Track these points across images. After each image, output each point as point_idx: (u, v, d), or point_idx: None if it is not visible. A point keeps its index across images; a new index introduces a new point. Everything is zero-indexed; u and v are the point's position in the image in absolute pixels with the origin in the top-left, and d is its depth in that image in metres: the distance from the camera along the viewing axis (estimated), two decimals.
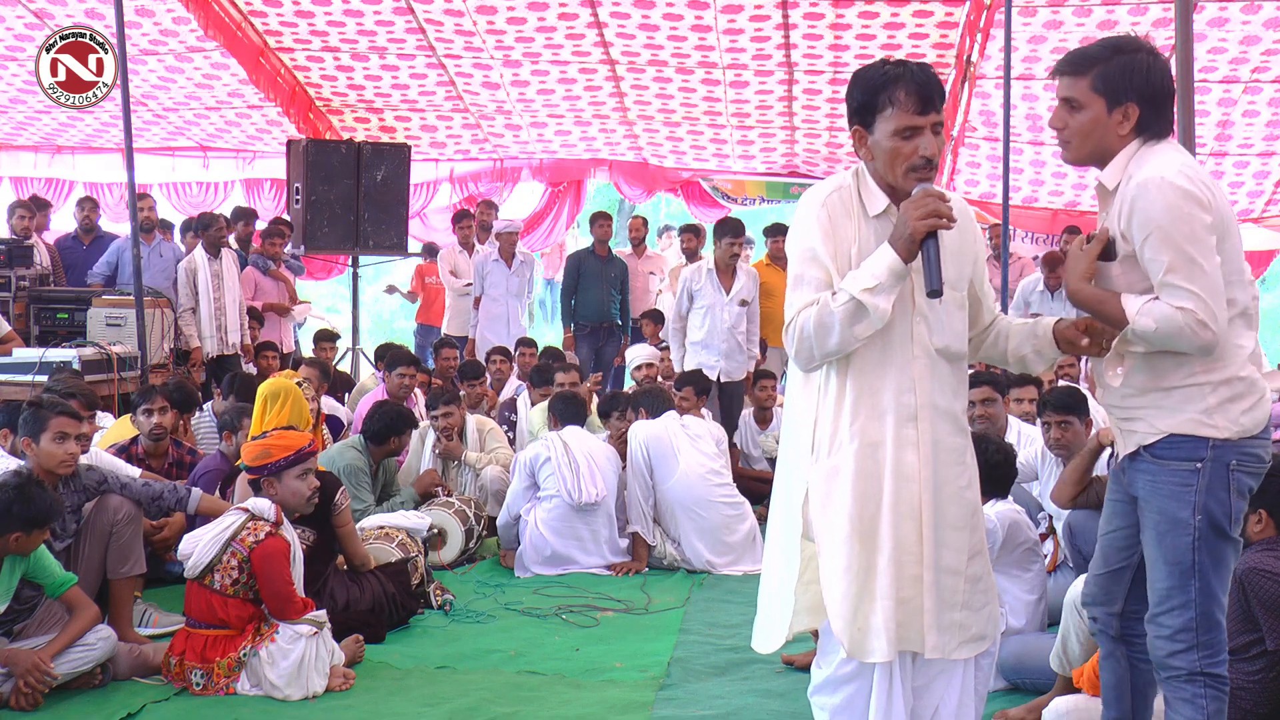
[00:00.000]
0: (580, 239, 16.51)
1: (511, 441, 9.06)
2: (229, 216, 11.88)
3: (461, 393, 9.15)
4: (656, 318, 11.96)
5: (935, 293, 3.35)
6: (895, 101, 3.39)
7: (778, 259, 12.31)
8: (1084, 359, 10.76)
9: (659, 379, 10.04)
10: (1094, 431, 5.69)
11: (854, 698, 3.56)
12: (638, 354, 10.67)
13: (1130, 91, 3.49)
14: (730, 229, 10.24)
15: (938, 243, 3.35)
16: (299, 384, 7.32)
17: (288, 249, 12.07)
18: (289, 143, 12.59)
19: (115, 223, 14.09)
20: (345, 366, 12.43)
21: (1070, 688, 4.55)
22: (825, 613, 3.49)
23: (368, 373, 11.83)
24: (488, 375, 10.33)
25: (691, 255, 12.83)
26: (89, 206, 12.18)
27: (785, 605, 3.59)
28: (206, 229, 10.64)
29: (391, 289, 14.88)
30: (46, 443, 5.43)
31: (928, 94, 3.39)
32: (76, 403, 5.99)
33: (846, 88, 3.57)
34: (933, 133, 3.41)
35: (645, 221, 14.00)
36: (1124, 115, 3.51)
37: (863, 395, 3.49)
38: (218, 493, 6.58)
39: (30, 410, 5.50)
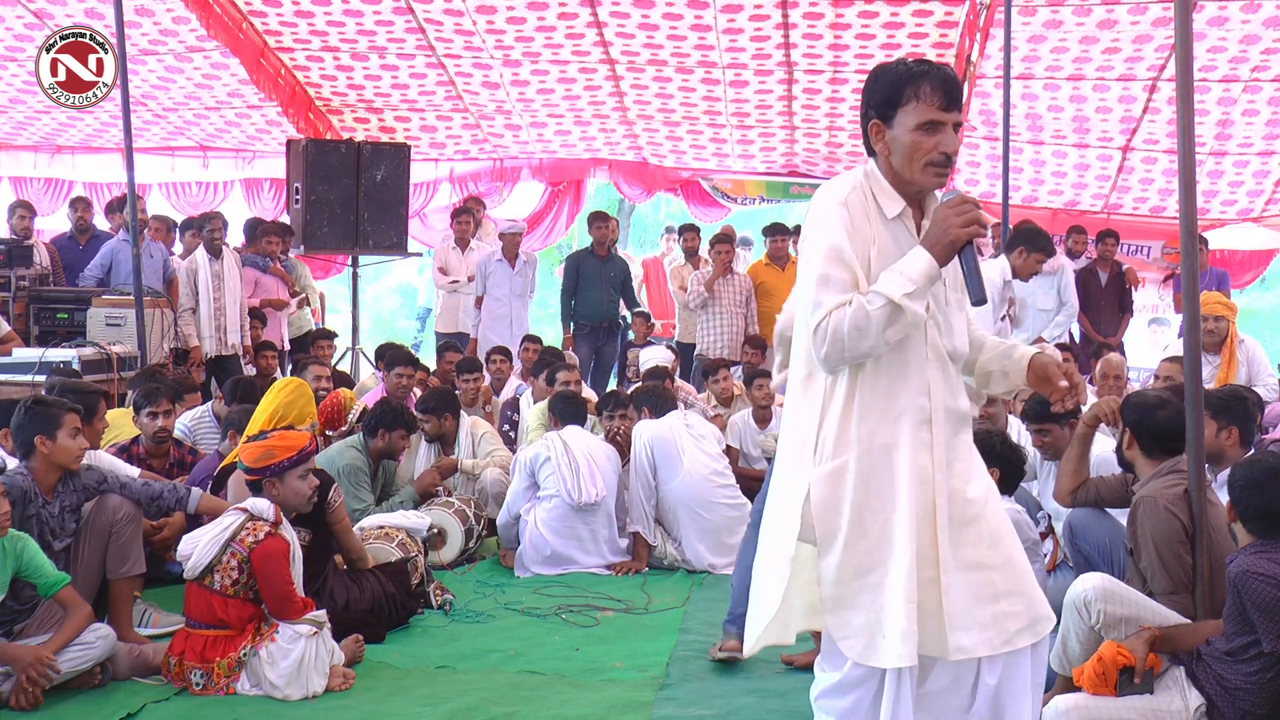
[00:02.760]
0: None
1: (513, 441, 9.06)
2: (253, 228, 11.87)
3: (457, 390, 9.17)
4: (647, 318, 12.05)
5: (980, 302, 3.35)
6: (920, 95, 3.37)
7: (777, 259, 12.33)
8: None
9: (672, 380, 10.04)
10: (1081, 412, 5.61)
11: (862, 701, 3.50)
12: (652, 355, 10.68)
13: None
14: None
15: (973, 249, 3.37)
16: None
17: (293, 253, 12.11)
18: (289, 142, 12.60)
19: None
20: (345, 366, 12.43)
21: (1070, 686, 4.55)
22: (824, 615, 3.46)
23: (368, 373, 11.84)
24: (486, 374, 10.33)
25: (691, 254, 12.86)
26: (82, 207, 12.12)
27: (780, 607, 3.52)
28: (202, 229, 10.64)
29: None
30: (64, 438, 5.44)
31: (952, 91, 3.39)
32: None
33: (866, 81, 3.53)
34: (956, 130, 3.42)
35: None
36: None
37: (874, 398, 3.43)
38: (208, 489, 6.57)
39: (39, 407, 5.49)
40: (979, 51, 11.40)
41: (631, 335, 12.83)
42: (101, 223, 12.56)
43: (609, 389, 10.83)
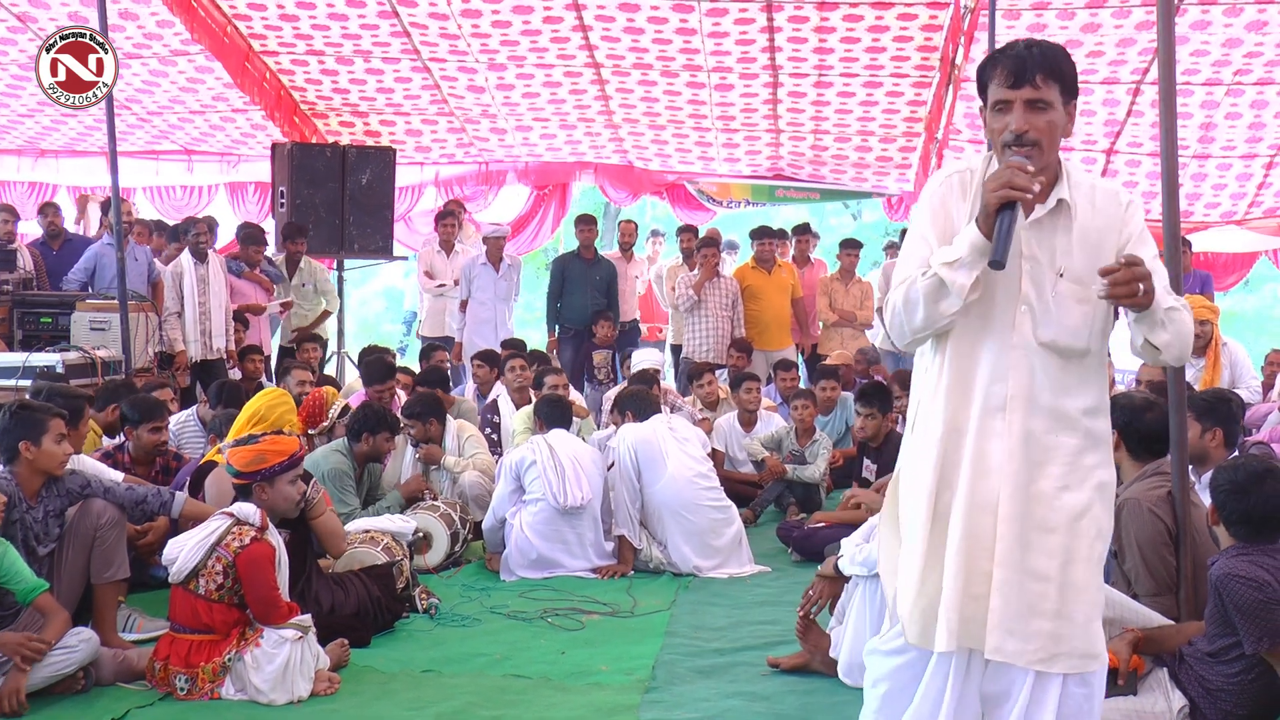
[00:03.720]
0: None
1: (495, 444, 9.05)
2: (243, 236, 11.85)
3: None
4: (612, 321, 12.11)
5: (996, 264, 3.24)
6: (994, 77, 3.37)
7: (763, 262, 12.35)
8: None
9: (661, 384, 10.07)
10: None
11: (902, 673, 3.53)
12: (643, 357, 10.69)
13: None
14: None
15: (1014, 214, 3.24)
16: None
17: (269, 251, 12.06)
18: (274, 146, 12.61)
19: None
20: (331, 370, 12.42)
21: None
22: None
23: (353, 376, 11.82)
24: (467, 378, 10.33)
25: (689, 255, 12.87)
26: (52, 212, 11.99)
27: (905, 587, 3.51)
28: (186, 234, 10.61)
29: None
30: (49, 444, 5.42)
31: (1020, 68, 3.30)
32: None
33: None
34: (1029, 108, 3.31)
35: (636, 227, 14.05)
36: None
37: (955, 381, 3.42)
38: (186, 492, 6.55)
39: (25, 412, 5.48)
40: (963, 55, 11.42)
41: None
42: (72, 227, 12.52)
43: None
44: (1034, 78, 3.29)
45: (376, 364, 9.26)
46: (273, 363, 11.62)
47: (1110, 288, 3.20)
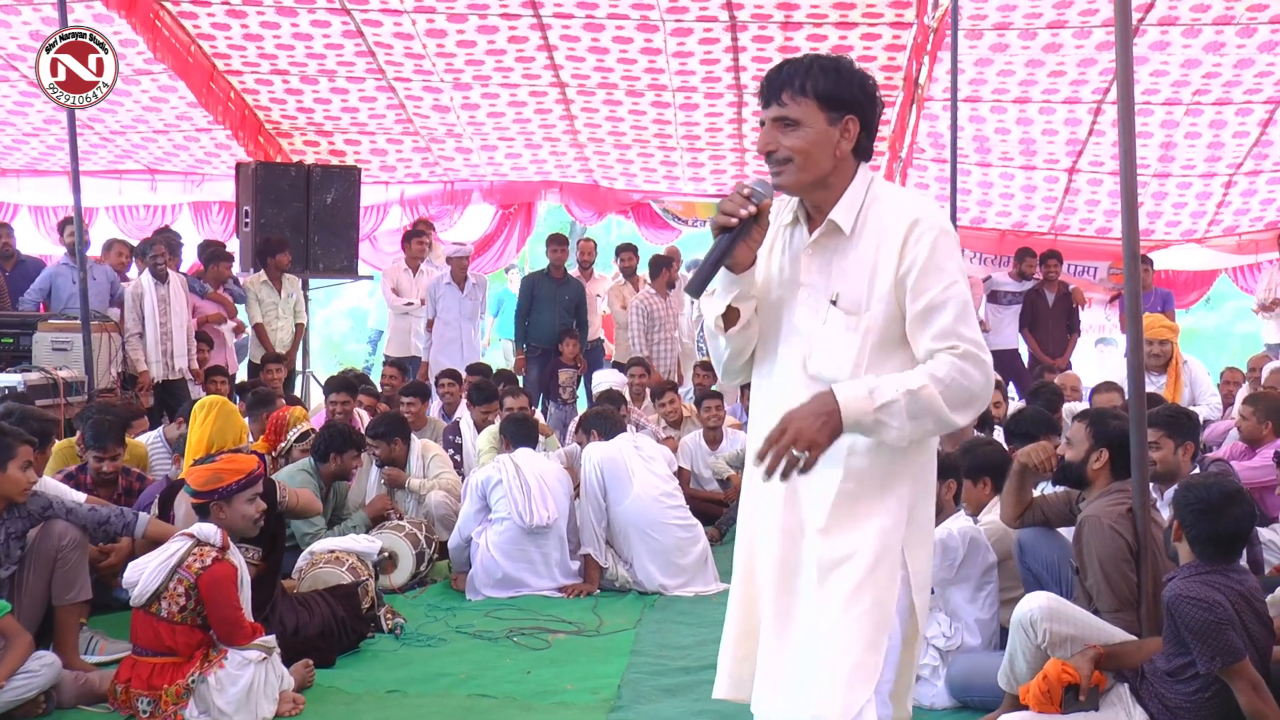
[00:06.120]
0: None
1: (457, 465, 9.05)
2: (211, 254, 11.80)
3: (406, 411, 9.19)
4: (577, 339, 12.15)
5: (691, 291, 3.22)
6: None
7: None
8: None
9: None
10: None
11: None
12: (604, 378, 10.71)
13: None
14: None
15: (728, 241, 3.09)
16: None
17: (235, 269, 12.03)
18: (238, 166, 12.58)
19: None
20: (296, 390, 12.36)
21: (1017, 705, 4.59)
22: None
23: (319, 397, 11.79)
24: (435, 397, 10.32)
25: (629, 274, 12.96)
26: (6, 234, 11.91)
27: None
28: (144, 255, 10.57)
29: None
30: (14, 470, 5.38)
31: (767, 87, 3.16)
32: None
33: None
34: (776, 126, 3.14)
35: (595, 245, 14.08)
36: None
37: (753, 415, 3.36)
38: (155, 511, 6.50)
39: None
40: (926, 75, 11.52)
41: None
42: (49, 248, 12.42)
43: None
44: (780, 95, 3.13)
45: (337, 376, 9.35)
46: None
47: (772, 460, 2.99)
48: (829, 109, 3.12)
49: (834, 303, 3.14)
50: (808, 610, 3.15)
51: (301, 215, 12.13)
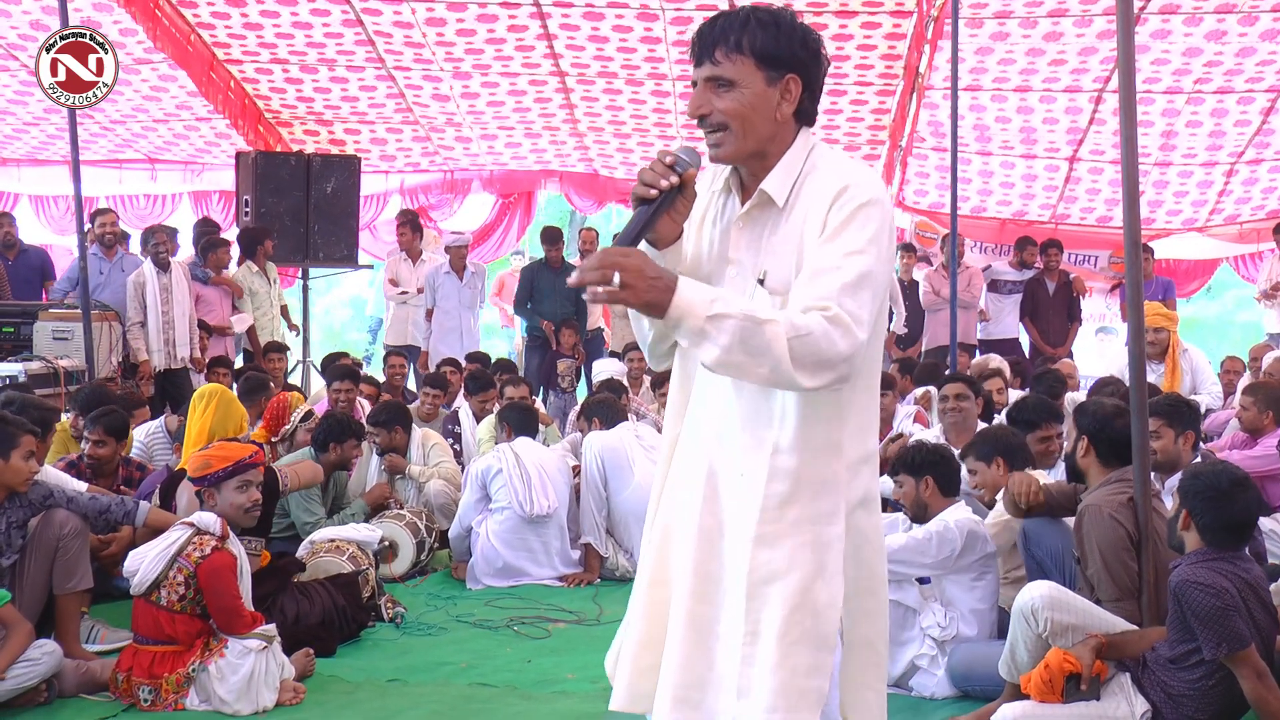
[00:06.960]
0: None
1: (456, 455, 9.04)
2: (209, 242, 11.78)
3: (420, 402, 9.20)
4: (575, 329, 12.16)
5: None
6: None
7: None
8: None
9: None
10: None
11: None
12: (605, 367, 10.71)
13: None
14: None
15: (649, 215, 2.79)
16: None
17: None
18: (238, 155, 12.57)
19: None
20: (296, 379, 12.37)
21: (1019, 694, 4.59)
22: None
23: (319, 385, 11.78)
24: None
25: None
26: (8, 223, 11.93)
27: None
28: (146, 244, 10.58)
29: None
30: (17, 459, 5.37)
31: (698, 43, 2.84)
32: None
33: None
34: (708, 86, 2.83)
35: (597, 235, 14.06)
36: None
37: (671, 404, 3.07)
38: (156, 500, 6.50)
39: None
40: (927, 63, 11.51)
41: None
42: (50, 237, 12.42)
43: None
44: (713, 53, 2.79)
45: (340, 364, 9.35)
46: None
47: (579, 273, 2.61)
48: (768, 68, 2.78)
49: (761, 282, 2.82)
50: (733, 629, 2.81)
51: (301, 204, 12.12)
